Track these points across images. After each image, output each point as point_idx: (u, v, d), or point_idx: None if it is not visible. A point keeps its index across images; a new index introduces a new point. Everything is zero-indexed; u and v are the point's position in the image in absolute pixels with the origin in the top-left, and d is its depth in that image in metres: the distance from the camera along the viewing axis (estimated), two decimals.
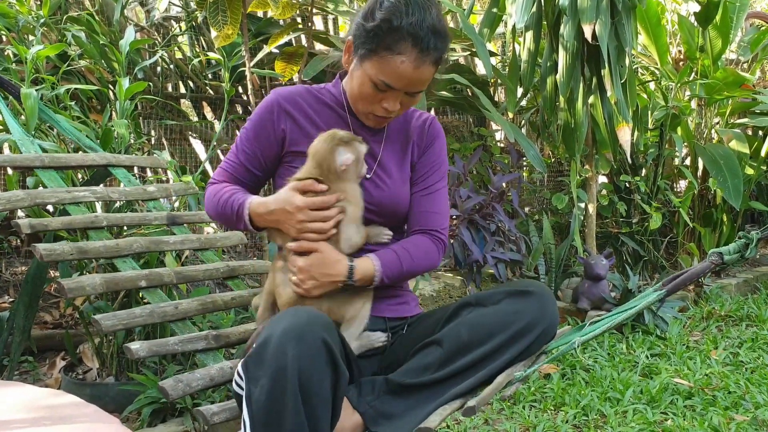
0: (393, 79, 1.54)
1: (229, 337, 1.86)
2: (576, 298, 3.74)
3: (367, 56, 1.55)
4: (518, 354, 1.57)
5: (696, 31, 4.38)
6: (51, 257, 1.81)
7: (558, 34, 3.60)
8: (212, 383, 1.69)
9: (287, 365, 1.26)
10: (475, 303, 1.59)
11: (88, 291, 1.78)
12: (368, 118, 1.67)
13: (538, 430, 2.43)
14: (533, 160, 3.77)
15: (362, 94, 1.60)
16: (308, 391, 1.28)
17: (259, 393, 1.29)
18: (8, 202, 1.91)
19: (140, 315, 1.78)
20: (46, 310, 3.21)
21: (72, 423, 1.32)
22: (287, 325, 1.31)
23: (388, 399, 1.52)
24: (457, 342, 1.54)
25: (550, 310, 1.60)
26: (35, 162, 2.12)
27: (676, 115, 4.29)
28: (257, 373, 1.30)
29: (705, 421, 2.44)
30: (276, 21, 3.76)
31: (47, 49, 2.70)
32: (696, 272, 1.79)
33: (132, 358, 1.70)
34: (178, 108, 4.09)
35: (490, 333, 1.54)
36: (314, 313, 1.39)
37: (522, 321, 1.55)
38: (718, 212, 4.57)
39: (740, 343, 3.36)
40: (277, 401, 1.27)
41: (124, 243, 1.98)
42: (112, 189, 2.22)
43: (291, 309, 1.44)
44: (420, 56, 1.52)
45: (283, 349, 1.27)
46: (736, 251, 1.77)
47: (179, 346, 1.75)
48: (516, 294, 1.58)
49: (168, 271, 1.98)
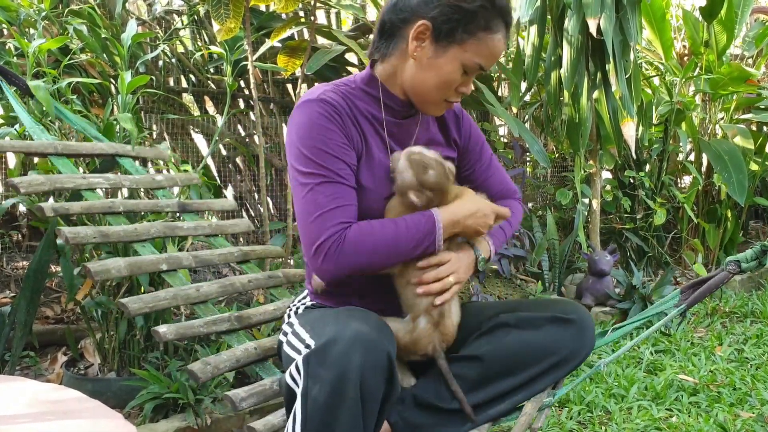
0: (488, 60, 1.48)
1: (251, 318, 1.91)
2: (580, 294, 3.72)
3: (460, 39, 1.45)
4: (552, 381, 1.57)
5: (701, 26, 4.36)
6: (76, 240, 1.87)
7: (562, 29, 3.58)
8: (239, 364, 1.73)
9: (351, 371, 1.24)
10: (515, 324, 1.56)
11: (113, 274, 1.84)
12: (438, 108, 1.57)
13: (542, 426, 2.41)
14: (537, 155, 3.75)
15: (448, 82, 1.49)
16: (365, 401, 1.26)
17: (318, 392, 1.26)
18: (30, 185, 1.96)
19: (164, 298, 1.83)
20: (47, 305, 3.20)
21: (75, 418, 1.31)
22: (357, 330, 1.28)
23: (418, 412, 1.51)
24: (494, 365, 1.53)
25: (590, 339, 1.59)
26: (49, 149, 2.18)
27: (681, 111, 4.27)
28: (319, 371, 1.26)
29: (710, 417, 2.43)
30: (279, 15, 3.74)
31: (49, 43, 2.69)
32: (715, 283, 1.75)
33: (160, 341, 1.74)
34: (180, 102, 4.07)
35: (529, 362, 1.53)
36: (382, 321, 1.38)
37: (562, 352, 1.55)
38: (723, 208, 4.55)
39: (745, 339, 3.34)
40: (336, 404, 1.25)
41: (142, 228, 2.06)
42: (124, 177, 2.29)
43: (359, 311, 1.42)
44: (508, 32, 1.50)
45: (349, 354, 1.24)
46: (754, 258, 1.74)
47: (204, 328, 1.79)
48: (557, 321, 1.56)
49: (186, 255, 2.06)
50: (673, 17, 4.83)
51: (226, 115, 3.17)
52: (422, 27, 1.46)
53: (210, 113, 4.22)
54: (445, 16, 1.44)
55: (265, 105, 4.17)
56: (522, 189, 4.06)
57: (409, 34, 1.48)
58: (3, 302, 3.11)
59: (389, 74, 1.55)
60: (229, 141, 4.09)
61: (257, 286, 2.13)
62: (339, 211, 1.41)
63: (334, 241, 1.39)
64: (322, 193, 1.42)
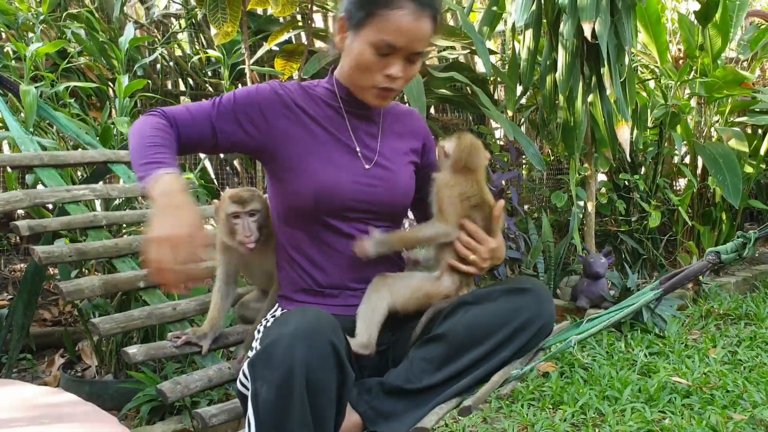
0: (395, 36, 1.52)
1: (228, 337, 1.85)
2: (575, 297, 3.74)
3: (365, 20, 1.53)
4: (515, 351, 1.58)
5: (696, 30, 4.38)
6: (50, 260, 1.81)
7: (558, 33, 3.60)
8: (210, 384, 1.69)
9: (295, 366, 1.25)
10: (473, 301, 1.59)
11: (86, 294, 1.78)
12: (371, 95, 1.62)
13: (536, 428, 2.43)
14: (532, 158, 3.77)
15: (362, 64, 1.56)
16: (315, 393, 1.28)
17: (266, 393, 1.28)
18: (7, 202, 1.91)
19: (138, 317, 1.77)
20: (44, 307, 3.22)
21: (70, 422, 1.32)
22: (296, 326, 1.30)
23: (387, 399, 1.52)
24: (456, 341, 1.54)
25: (547, 307, 1.60)
26: (34, 161, 2.12)
27: (676, 114, 4.29)
28: (264, 373, 1.29)
29: (703, 419, 2.45)
30: (276, 18, 3.76)
31: (47, 47, 2.70)
32: (693, 271, 1.79)
33: (129, 362, 1.69)
34: (177, 105, 4.09)
35: (489, 332, 1.55)
36: (322, 313, 1.39)
37: (519, 318, 1.56)
38: (717, 210, 4.57)
39: (739, 341, 3.36)
40: (285, 402, 1.27)
41: (123, 243, 1.99)
42: (112, 186, 2.23)
43: (298, 310, 1.43)
44: (418, 8, 1.52)
45: (291, 350, 1.26)
46: (734, 250, 1.77)
47: (177, 350, 1.73)
48: (513, 291, 1.58)
49: None
50: (668, 21, 4.86)
51: None
52: (341, 21, 1.60)
53: None
54: (352, 5, 1.56)
55: None
56: (517, 192, 4.08)
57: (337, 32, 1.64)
58: (0, 305, 3.12)
59: (340, 72, 1.69)
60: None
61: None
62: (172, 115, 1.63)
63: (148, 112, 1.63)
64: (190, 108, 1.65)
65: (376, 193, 1.65)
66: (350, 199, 1.62)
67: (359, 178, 1.64)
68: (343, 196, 1.61)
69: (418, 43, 1.55)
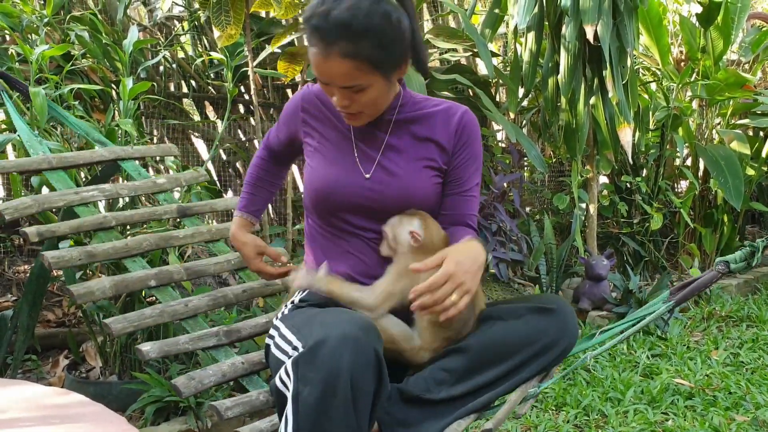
0: (315, 72, 1.52)
1: (240, 332, 1.86)
2: (577, 299, 3.75)
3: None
4: (536, 372, 1.59)
5: (697, 32, 4.38)
6: (59, 265, 1.81)
7: (560, 35, 3.61)
8: (224, 379, 1.71)
9: (342, 371, 1.26)
10: (498, 316, 1.59)
11: (97, 296, 1.79)
12: (345, 117, 1.64)
13: (539, 430, 2.44)
14: (534, 161, 3.78)
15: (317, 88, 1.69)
16: (357, 399, 1.29)
17: (309, 394, 1.28)
18: (16, 210, 1.90)
19: (150, 315, 1.79)
20: (49, 308, 3.22)
21: (78, 422, 1.33)
22: (345, 330, 1.31)
23: (404, 407, 1.52)
24: (478, 356, 1.54)
25: (571, 328, 1.61)
26: (43, 164, 2.11)
27: (678, 116, 4.29)
28: (308, 374, 1.29)
29: (705, 421, 2.45)
30: (279, 21, 3.76)
31: (52, 50, 2.71)
32: (703, 282, 1.78)
33: (143, 359, 1.69)
34: (180, 107, 4.10)
35: (512, 350, 1.55)
36: (368, 320, 1.40)
37: (544, 340, 1.56)
38: (719, 213, 4.57)
39: (741, 343, 3.36)
40: (328, 405, 1.27)
41: (133, 243, 1.99)
42: (121, 185, 2.22)
43: (346, 312, 1.45)
44: (325, 48, 1.45)
45: (339, 354, 1.27)
46: (743, 259, 1.77)
47: (190, 345, 1.75)
48: (538, 311, 1.58)
49: (177, 268, 1.99)
50: (669, 23, 4.86)
51: (227, 120, 3.20)
52: None
53: (210, 118, 4.25)
54: None
55: (265, 110, 4.19)
56: (519, 194, 4.08)
57: None
58: (5, 306, 3.13)
59: None
60: (230, 146, 4.12)
61: (252, 296, 2.07)
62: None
63: None
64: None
65: (376, 198, 1.63)
66: (349, 202, 1.63)
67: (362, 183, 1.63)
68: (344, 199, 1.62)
69: (339, 79, 1.48)
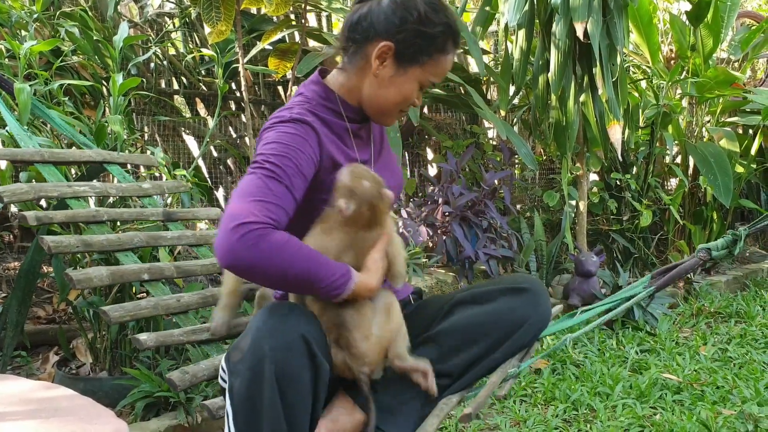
0: (440, 77, 1.60)
1: (237, 328, 1.88)
2: (567, 295, 3.77)
3: (419, 61, 1.54)
4: (512, 350, 1.60)
5: (687, 30, 4.41)
6: (58, 249, 1.88)
7: (550, 33, 3.63)
8: (217, 373, 1.72)
9: (264, 358, 1.30)
10: (471, 301, 1.60)
11: (95, 282, 1.86)
12: (393, 117, 1.65)
13: (528, 424, 2.45)
14: (525, 158, 3.79)
15: (407, 98, 1.57)
16: (285, 383, 1.32)
17: (239, 385, 1.33)
18: (13, 194, 1.97)
19: (146, 307, 1.85)
20: (39, 305, 3.21)
21: (67, 415, 1.34)
22: (266, 318, 1.35)
23: (387, 394, 1.53)
24: (453, 341, 1.56)
25: (544, 305, 1.62)
26: (35, 156, 2.18)
27: (667, 114, 4.32)
28: (237, 366, 1.35)
29: (693, 415, 2.47)
30: (269, 18, 3.76)
31: (41, 45, 2.70)
32: (684, 268, 1.81)
33: (141, 348, 1.75)
34: (171, 104, 4.10)
35: (486, 332, 1.56)
36: (295, 306, 1.42)
37: (516, 318, 1.58)
38: (708, 210, 4.61)
39: (729, 339, 3.39)
40: (255, 393, 1.31)
41: (126, 237, 2.07)
42: (110, 185, 2.31)
43: (275, 303, 1.46)
44: (455, 52, 1.61)
45: (260, 342, 1.32)
46: (724, 247, 1.80)
47: (184, 337, 1.80)
48: (510, 291, 1.60)
49: (168, 265, 2.06)
50: (660, 21, 4.89)
51: (217, 117, 3.20)
52: (385, 48, 1.51)
53: (201, 115, 4.25)
54: (408, 40, 1.52)
55: (256, 107, 4.19)
56: (510, 191, 4.10)
57: (371, 53, 1.53)
58: None
59: (348, 88, 1.60)
60: (220, 143, 4.12)
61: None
62: (279, 210, 1.35)
63: (259, 230, 1.29)
64: (271, 187, 1.37)
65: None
66: None
67: None
68: None
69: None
